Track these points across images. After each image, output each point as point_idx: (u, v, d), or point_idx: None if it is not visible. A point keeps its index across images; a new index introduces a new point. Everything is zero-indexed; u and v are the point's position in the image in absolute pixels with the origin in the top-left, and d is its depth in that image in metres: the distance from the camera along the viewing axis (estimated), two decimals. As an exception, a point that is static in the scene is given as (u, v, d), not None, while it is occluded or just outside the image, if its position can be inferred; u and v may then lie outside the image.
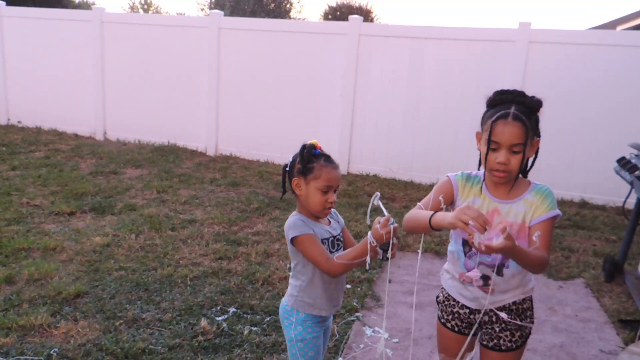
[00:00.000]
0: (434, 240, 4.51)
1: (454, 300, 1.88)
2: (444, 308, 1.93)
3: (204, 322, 2.95)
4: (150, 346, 2.72)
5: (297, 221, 1.88)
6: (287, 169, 1.94)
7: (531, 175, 1.79)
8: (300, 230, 1.83)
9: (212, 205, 5.19)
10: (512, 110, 1.62)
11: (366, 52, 6.69)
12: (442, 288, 1.96)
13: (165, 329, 2.91)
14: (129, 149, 7.45)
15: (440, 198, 1.78)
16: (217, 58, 7.29)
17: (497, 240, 1.47)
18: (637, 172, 3.17)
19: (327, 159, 1.91)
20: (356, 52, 6.70)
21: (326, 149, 1.97)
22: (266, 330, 2.96)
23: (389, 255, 1.78)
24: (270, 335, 2.90)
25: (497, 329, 1.82)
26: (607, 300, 3.59)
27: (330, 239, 1.92)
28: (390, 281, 3.80)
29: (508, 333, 1.80)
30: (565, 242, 4.65)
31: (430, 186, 6.38)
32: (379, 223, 1.67)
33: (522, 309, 1.81)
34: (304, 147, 1.91)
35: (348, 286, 3.59)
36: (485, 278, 1.77)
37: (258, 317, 3.10)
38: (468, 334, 1.88)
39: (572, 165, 6.05)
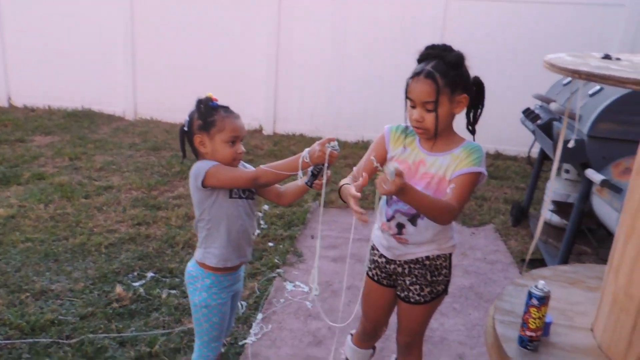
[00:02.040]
0: (356, 196, 4.58)
1: (376, 249, 1.91)
2: (370, 257, 1.95)
3: (119, 289, 2.86)
4: (60, 317, 2.61)
5: (203, 162, 1.80)
6: (185, 128, 1.85)
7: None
8: (210, 164, 1.77)
9: (131, 170, 4.97)
10: (427, 67, 1.62)
11: (289, 6, 6.53)
12: (371, 239, 1.97)
13: (77, 299, 2.80)
14: (38, 115, 6.93)
15: (372, 158, 1.75)
16: (130, 16, 6.85)
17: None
18: (538, 121, 3.35)
19: (227, 109, 1.84)
20: (278, 5, 6.52)
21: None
22: (185, 292, 2.92)
23: (313, 182, 1.73)
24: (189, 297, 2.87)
25: (408, 282, 1.85)
26: (513, 242, 3.85)
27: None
28: (312, 237, 3.85)
29: (417, 287, 1.83)
30: (479, 191, 4.89)
31: (356, 143, 6.47)
32: (319, 144, 1.64)
33: (435, 266, 1.81)
34: (199, 101, 1.83)
35: (270, 244, 3.60)
36: (400, 226, 1.79)
37: (177, 279, 3.05)
38: (386, 285, 1.92)
39: (487, 119, 6.26)
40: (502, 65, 6.14)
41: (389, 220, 1.81)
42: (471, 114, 1.78)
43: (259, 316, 2.78)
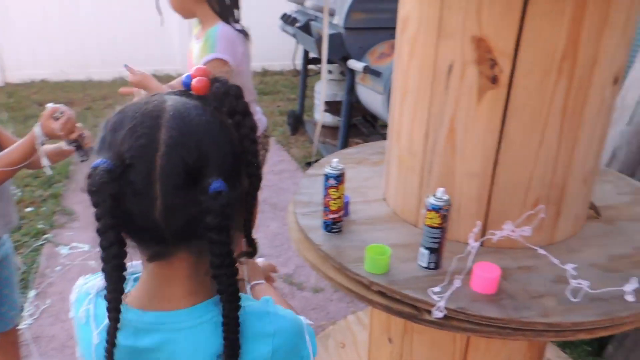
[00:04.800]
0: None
1: None
2: None
3: None
4: None
5: None
6: None
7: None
8: None
9: None
10: None
11: None
12: None
13: None
14: None
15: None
16: None
17: None
18: (297, 24, 3.34)
19: None
20: None
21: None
22: None
23: (86, 151, 1.43)
24: None
25: None
26: (295, 150, 3.95)
27: None
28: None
29: None
30: (254, 109, 4.86)
31: (114, 82, 5.74)
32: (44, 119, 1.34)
33: None
34: None
35: (29, 209, 2.98)
36: None
37: None
38: None
39: (252, 36, 6.20)
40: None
41: None
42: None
43: (32, 293, 2.29)
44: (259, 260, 1.17)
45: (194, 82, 0.69)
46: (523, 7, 0.98)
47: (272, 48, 6.17)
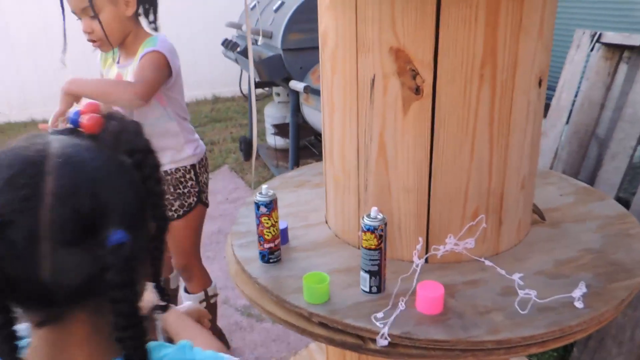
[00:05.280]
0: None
1: None
2: None
3: None
4: None
5: None
6: None
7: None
8: None
9: None
10: None
11: None
12: None
13: None
14: None
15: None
16: None
17: None
18: (238, 49, 3.30)
19: None
20: None
21: None
22: None
23: None
24: None
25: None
26: (249, 176, 3.87)
27: None
28: None
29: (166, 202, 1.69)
30: (206, 137, 4.76)
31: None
32: None
33: (177, 179, 1.77)
34: None
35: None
36: None
37: None
38: None
39: (197, 64, 6.12)
40: (199, 11, 5.95)
41: None
42: (150, 11, 1.66)
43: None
44: (187, 305, 1.08)
45: (84, 119, 0.61)
46: (436, 15, 0.95)
47: (221, 74, 6.11)
